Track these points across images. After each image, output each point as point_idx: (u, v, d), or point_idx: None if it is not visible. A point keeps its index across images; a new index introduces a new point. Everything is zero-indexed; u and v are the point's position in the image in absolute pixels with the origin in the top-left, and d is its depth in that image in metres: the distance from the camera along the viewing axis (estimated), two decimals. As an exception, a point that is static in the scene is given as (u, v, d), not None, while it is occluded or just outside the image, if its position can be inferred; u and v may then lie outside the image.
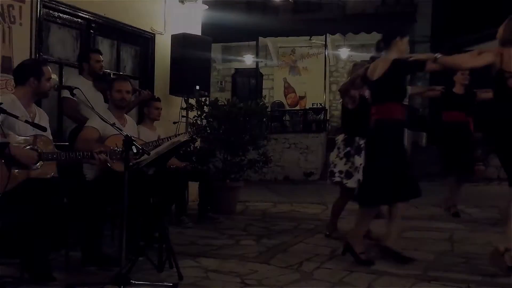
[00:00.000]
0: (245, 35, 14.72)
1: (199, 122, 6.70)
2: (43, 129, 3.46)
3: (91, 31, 6.06)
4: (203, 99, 6.86)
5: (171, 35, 6.94)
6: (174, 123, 6.52)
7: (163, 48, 7.01)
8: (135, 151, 3.26)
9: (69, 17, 5.75)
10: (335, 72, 16.12)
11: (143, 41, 6.91)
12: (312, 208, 7.41)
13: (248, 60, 16.53)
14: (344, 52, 15.66)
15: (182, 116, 6.76)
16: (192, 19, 7.57)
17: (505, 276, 3.58)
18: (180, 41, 6.78)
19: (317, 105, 15.33)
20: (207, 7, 7.83)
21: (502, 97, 3.79)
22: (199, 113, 6.74)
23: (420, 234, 5.24)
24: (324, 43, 15.12)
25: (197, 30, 7.64)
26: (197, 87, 6.79)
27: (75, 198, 3.69)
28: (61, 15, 5.66)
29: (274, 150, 11.85)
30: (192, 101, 6.88)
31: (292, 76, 16.80)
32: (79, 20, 5.89)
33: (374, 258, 4.08)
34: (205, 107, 6.80)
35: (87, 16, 5.90)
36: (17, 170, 3.36)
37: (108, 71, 6.13)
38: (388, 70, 3.96)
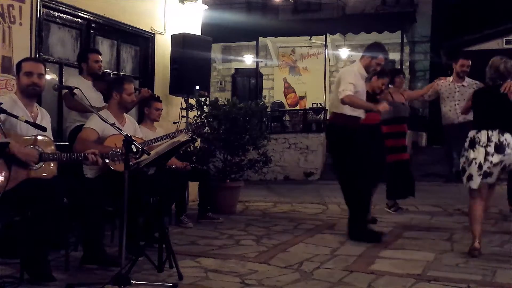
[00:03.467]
0: (245, 35, 14.74)
1: (199, 121, 6.70)
2: (43, 129, 3.45)
3: (91, 31, 6.06)
4: (203, 99, 6.86)
5: (171, 35, 6.94)
6: (174, 123, 6.52)
7: (163, 48, 7.01)
8: (134, 150, 3.26)
9: (69, 17, 5.75)
10: (335, 72, 16.07)
11: (143, 41, 6.91)
12: (312, 208, 7.41)
13: (248, 60, 16.53)
14: (344, 52, 15.66)
15: (182, 116, 6.76)
16: (192, 19, 7.57)
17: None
18: (180, 41, 6.78)
19: (317, 105, 15.34)
20: (207, 7, 7.83)
21: None
22: (199, 113, 6.74)
23: (420, 234, 5.24)
24: (324, 43, 15.14)
25: (197, 30, 7.64)
26: (197, 87, 6.79)
27: (75, 198, 3.69)
28: (61, 15, 5.66)
29: (274, 150, 11.85)
30: (192, 101, 6.88)
31: (292, 76, 16.81)
32: (79, 20, 5.89)
33: None
34: (205, 107, 6.80)
35: (87, 16, 5.90)
36: (17, 170, 3.36)
37: (108, 71, 6.13)
38: None
